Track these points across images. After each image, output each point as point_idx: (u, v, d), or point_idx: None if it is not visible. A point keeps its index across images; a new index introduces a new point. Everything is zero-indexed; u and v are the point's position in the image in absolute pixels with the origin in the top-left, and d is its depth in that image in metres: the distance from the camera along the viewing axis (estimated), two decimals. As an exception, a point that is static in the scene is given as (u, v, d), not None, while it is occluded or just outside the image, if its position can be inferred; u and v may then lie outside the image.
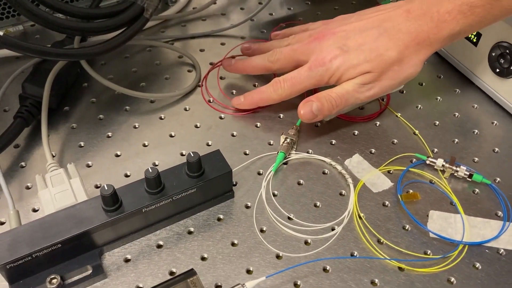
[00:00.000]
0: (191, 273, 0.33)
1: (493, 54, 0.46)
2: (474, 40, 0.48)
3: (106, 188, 0.34)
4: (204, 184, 0.37)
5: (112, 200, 0.34)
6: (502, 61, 0.46)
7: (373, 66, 0.40)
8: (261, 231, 0.39)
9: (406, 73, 0.41)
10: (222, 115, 0.47)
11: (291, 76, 0.43)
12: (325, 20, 0.47)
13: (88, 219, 0.34)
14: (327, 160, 0.43)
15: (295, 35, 0.47)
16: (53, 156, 0.42)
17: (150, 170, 0.35)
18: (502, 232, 0.39)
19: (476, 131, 0.47)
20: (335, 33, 0.43)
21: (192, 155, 0.36)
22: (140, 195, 0.36)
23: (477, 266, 0.37)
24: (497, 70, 0.47)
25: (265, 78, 0.49)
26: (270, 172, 0.42)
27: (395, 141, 0.45)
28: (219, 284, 0.35)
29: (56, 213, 0.35)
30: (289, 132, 0.44)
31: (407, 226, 0.39)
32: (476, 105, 0.49)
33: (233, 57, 0.51)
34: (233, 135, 0.45)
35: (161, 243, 0.38)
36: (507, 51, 0.45)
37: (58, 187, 0.37)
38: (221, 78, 0.51)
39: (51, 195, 0.37)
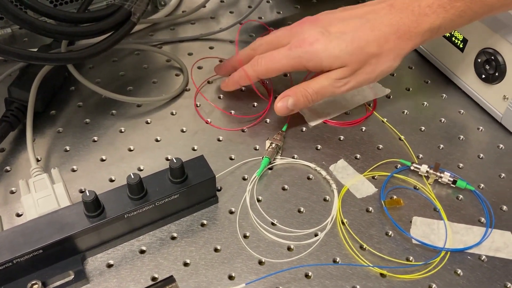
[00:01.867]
0: (170, 280, 0.33)
1: (479, 60, 0.47)
2: (461, 46, 0.48)
3: (87, 194, 0.34)
4: (187, 190, 0.37)
5: (94, 206, 0.34)
6: (487, 67, 0.46)
7: (352, 60, 0.40)
8: (244, 236, 0.39)
9: (383, 67, 0.41)
10: (209, 120, 0.47)
11: (270, 53, 0.43)
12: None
13: (70, 225, 0.35)
14: (312, 165, 0.43)
15: (276, 30, 0.47)
16: (38, 161, 0.42)
17: (132, 176, 0.35)
18: (484, 239, 0.39)
19: (462, 136, 0.47)
20: (318, 19, 0.43)
21: (175, 161, 0.36)
22: (123, 201, 0.36)
23: (458, 272, 0.37)
24: (483, 76, 0.47)
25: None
26: (254, 177, 0.42)
27: (381, 146, 0.45)
28: (201, 290, 0.35)
29: (38, 218, 0.35)
30: (275, 137, 0.44)
31: (390, 232, 0.39)
32: (462, 111, 0.49)
33: (220, 60, 0.51)
34: (219, 140, 0.45)
35: (144, 248, 0.38)
36: (492, 57, 0.45)
37: (41, 192, 0.37)
38: (208, 82, 0.51)
39: (34, 200, 0.37)
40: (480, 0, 0.38)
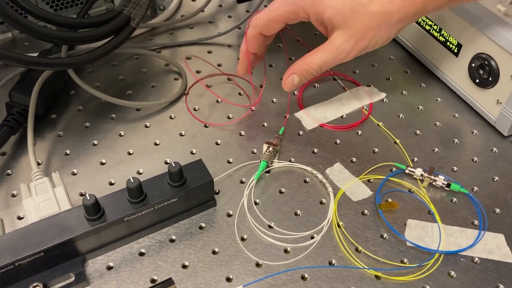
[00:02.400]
0: (169, 282, 0.34)
1: (473, 65, 0.47)
2: (455, 51, 0.49)
3: (88, 198, 0.35)
4: (186, 193, 0.38)
5: (94, 209, 0.35)
6: (481, 72, 0.47)
7: (353, 19, 0.39)
8: (242, 239, 0.39)
9: (385, 30, 0.40)
10: (207, 125, 0.48)
11: (271, 3, 0.43)
12: None
13: (70, 228, 0.35)
14: (309, 168, 0.44)
15: None
16: (39, 164, 0.43)
17: (132, 180, 0.36)
18: (477, 241, 0.40)
19: (456, 140, 0.47)
20: None
21: (174, 165, 0.37)
22: (122, 204, 0.37)
23: (452, 274, 0.38)
24: (477, 80, 0.48)
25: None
26: (253, 180, 0.43)
27: (376, 150, 0.46)
28: (199, 291, 0.36)
29: (39, 221, 0.36)
30: (272, 141, 0.44)
31: (385, 235, 0.40)
32: (457, 115, 0.50)
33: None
34: (217, 144, 0.46)
35: (143, 251, 0.38)
36: (486, 62, 0.46)
37: (42, 196, 0.38)
38: (207, 86, 0.51)
39: (35, 204, 0.37)
40: None
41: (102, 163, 0.44)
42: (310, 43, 0.56)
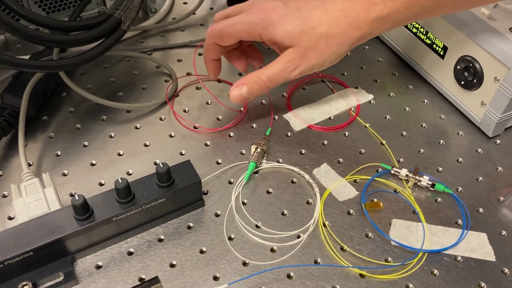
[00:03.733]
0: (155, 280, 0.34)
1: (458, 67, 0.48)
2: (441, 53, 0.50)
3: (77, 198, 0.35)
4: (174, 193, 0.39)
5: (82, 209, 0.36)
6: (466, 74, 0.48)
7: (302, 39, 0.41)
8: (230, 238, 0.40)
9: (331, 51, 0.42)
10: (197, 125, 0.48)
11: (227, 19, 0.44)
12: None
13: (59, 228, 0.36)
14: (296, 169, 0.45)
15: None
16: (30, 165, 0.44)
17: (120, 181, 0.36)
18: (460, 240, 0.40)
19: (442, 141, 0.48)
20: None
21: (161, 165, 0.38)
22: (111, 205, 0.37)
23: (435, 273, 0.39)
24: (462, 82, 0.48)
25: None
26: (240, 181, 0.43)
27: (363, 150, 0.47)
28: (186, 290, 0.37)
29: (29, 221, 0.36)
30: (259, 142, 0.45)
31: (370, 234, 0.41)
32: (443, 116, 0.51)
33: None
34: (206, 145, 0.47)
35: (132, 250, 0.39)
36: (471, 64, 0.47)
37: (32, 196, 0.39)
38: (197, 88, 0.52)
39: (25, 204, 0.38)
40: None
41: (93, 164, 0.45)
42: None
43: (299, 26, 0.41)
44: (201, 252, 0.39)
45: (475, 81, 0.47)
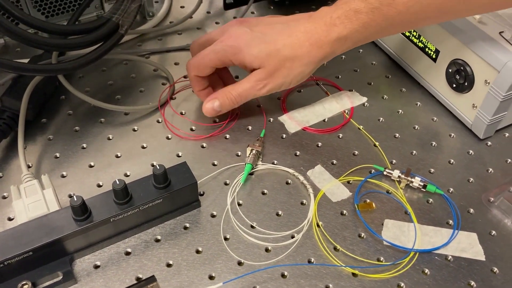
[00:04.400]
0: (151, 279, 0.35)
1: (450, 70, 0.49)
2: (434, 57, 0.51)
3: (75, 199, 0.36)
4: (170, 195, 0.39)
5: (81, 210, 0.37)
6: (458, 77, 0.48)
7: (269, 61, 0.44)
8: (225, 239, 0.41)
9: (297, 71, 0.45)
10: (193, 127, 0.49)
11: (198, 53, 0.47)
12: None
13: (58, 228, 0.37)
14: (291, 170, 0.46)
15: (210, 32, 0.50)
16: (29, 167, 0.44)
17: (117, 182, 0.37)
18: (451, 240, 0.41)
19: (434, 143, 0.49)
20: (246, 21, 0.48)
21: (158, 167, 0.38)
22: (109, 206, 0.38)
23: (426, 272, 0.39)
24: (454, 85, 0.49)
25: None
26: (236, 182, 0.44)
27: (356, 152, 0.48)
28: (183, 289, 0.38)
29: (28, 222, 0.37)
30: (254, 143, 0.46)
31: (363, 234, 0.42)
32: (435, 118, 0.51)
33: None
34: (202, 147, 0.48)
35: (129, 250, 0.40)
36: (462, 67, 0.47)
37: (31, 198, 0.39)
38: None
39: (24, 205, 0.39)
40: (381, 13, 0.41)
41: (91, 166, 0.45)
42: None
43: (265, 50, 0.44)
44: (197, 252, 0.40)
45: (466, 84, 0.48)
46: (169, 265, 0.39)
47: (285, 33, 0.44)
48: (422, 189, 0.44)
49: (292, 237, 0.41)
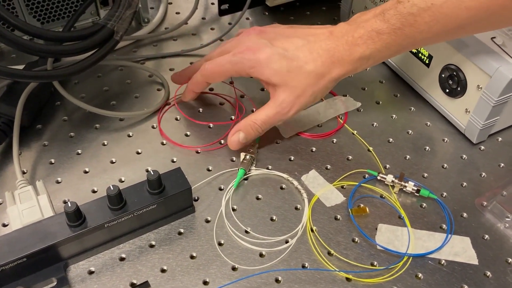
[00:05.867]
0: (145, 285, 0.35)
1: (443, 75, 0.49)
2: (427, 62, 0.51)
3: (69, 205, 0.36)
4: (164, 200, 0.40)
5: (75, 216, 0.37)
6: (450, 82, 0.49)
7: (290, 77, 0.43)
8: (220, 244, 0.41)
9: (319, 88, 0.44)
10: (188, 133, 0.49)
11: (216, 59, 0.46)
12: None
13: (52, 234, 0.37)
14: (285, 175, 0.46)
15: (226, 41, 0.49)
16: (24, 173, 0.44)
17: (112, 188, 0.37)
18: (444, 244, 0.41)
19: (428, 147, 0.49)
20: (264, 31, 0.46)
21: (152, 173, 0.39)
22: (103, 211, 0.38)
23: (419, 276, 0.40)
24: (447, 90, 0.50)
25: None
26: (230, 187, 0.44)
27: (350, 157, 0.48)
28: (177, 294, 0.38)
29: (22, 228, 0.37)
30: (249, 149, 0.46)
31: (357, 239, 0.42)
32: (429, 123, 0.52)
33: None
34: (197, 152, 0.48)
35: (123, 256, 0.40)
36: (455, 73, 0.48)
37: (26, 204, 0.39)
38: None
39: (19, 211, 0.39)
40: (403, 34, 0.41)
41: (86, 172, 0.46)
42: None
43: (286, 66, 0.43)
44: (192, 257, 0.40)
45: (459, 89, 0.48)
46: (163, 271, 0.39)
47: (306, 50, 0.43)
48: (415, 193, 0.44)
49: (286, 242, 0.41)
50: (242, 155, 0.46)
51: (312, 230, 0.42)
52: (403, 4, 0.40)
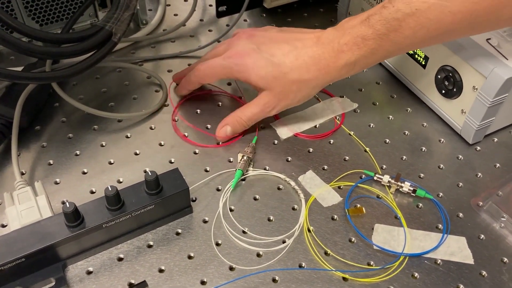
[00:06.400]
0: (142, 284, 0.35)
1: (439, 76, 0.50)
2: (423, 63, 0.52)
3: (68, 205, 0.36)
4: (162, 201, 0.40)
5: (73, 216, 0.37)
6: (446, 83, 0.49)
7: (276, 84, 0.45)
8: (217, 244, 0.41)
9: (303, 94, 0.46)
10: (186, 134, 0.50)
11: (208, 61, 0.48)
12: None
13: (51, 235, 0.37)
14: (282, 176, 0.46)
15: (220, 43, 0.51)
16: (23, 174, 0.45)
17: (110, 189, 0.38)
18: (440, 244, 0.42)
19: (424, 148, 0.50)
20: (253, 36, 0.48)
21: (150, 173, 0.39)
22: (101, 212, 0.38)
23: (415, 276, 0.40)
24: (443, 91, 0.50)
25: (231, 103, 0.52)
26: (228, 188, 0.45)
27: (347, 158, 0.48)
28: (174, 294, 0.38)
29: (21, 229, 0.37)
30: (246, 150, 0.47)
31: (353, 239, 0.42)
32: (425, 124, 0.52)
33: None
34: (195, 153, 0.48)
35: (121, 256, 0.40)
36: (451, 74, 0.48)
37: (24, 204, 0.40)
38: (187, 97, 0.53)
39: (17, 212, 0.39)
40: (389, 40, 0.42)
41: (84, 173, 0.46)
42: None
43: (272, 72, 0.45)
44: (189, 257, 0.40)
45: (455, 90, 0.48)
46: (161, 271, 0.39)
47: (293, 56, 0.45)
48: (412, 194, 0.45)
49: (284, 242, 0.42)
50: (240, 156, 0.46)
51: (309, 230, 0.42)
52: (387, 9, 0.41)
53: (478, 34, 0.47)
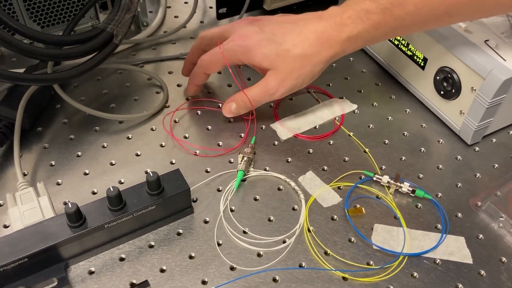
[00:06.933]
0: (144, 284, 0.36)
1: (438, 77, 0.50)
2: (422, 64, 0.52)
3: (70, 206, 0.37)
4: (163, 201, 0.40)
5: (75, 217, 0.37)
6: (445, 84, 0.50)
7: (279, 62, 0.45)
8: (218, 244, 0.42)
9: (307, 70, 0.46)
10: (187, 135, 0.50)
11: (211, 50, 0.48)
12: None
13: (53, 235, 0.37)
14: (282, 177, 0.46)
15: (222, 26, 0.52)
16: (25, 175, 0.45)
17: (111, 189, 0.38)
18: (439, 244, 0.42)
19: (423, 149, 0.50)
20: (257, 20, 0.48)
21: (151, 174, 0.39)
22: (103, 212, 0.39)
23: (415, 275, 0.40)
24: (442, 92, 0.50)
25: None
26: (229, 188, 0.45)
27: (347, 158, 0.49)
28: (176, 294, 0.38)
29: (23, 229, 0.38)
30: (246, 150, 0.47)
31: (353, 239, 0.42)
32: (424, 125, 0.53)
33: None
34: (196, 154, 0.48)
35: (123, 256, 0.40)
36: (449, 75, 0.49)
37: (27, 205, 0.40)
38: (187, 99, 0.54)
39: (20, 212, 0.39)
40: (392, 14, 0.42)
41: (86, 174, 0.46)
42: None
43: (275, 50, 0.45)
44: (190, 257, 0.41)
45: (453, 91, 0.49)
46: (162, 271, 0.40)
47: (295, 32, 0.45)
48: (411, 194, 0.45)
49: (284, 242, 0.42)
50: (240, 156, 0.46)
51: (309, 230, 0.43)
52: None
53: (475, 19, 0.47)
